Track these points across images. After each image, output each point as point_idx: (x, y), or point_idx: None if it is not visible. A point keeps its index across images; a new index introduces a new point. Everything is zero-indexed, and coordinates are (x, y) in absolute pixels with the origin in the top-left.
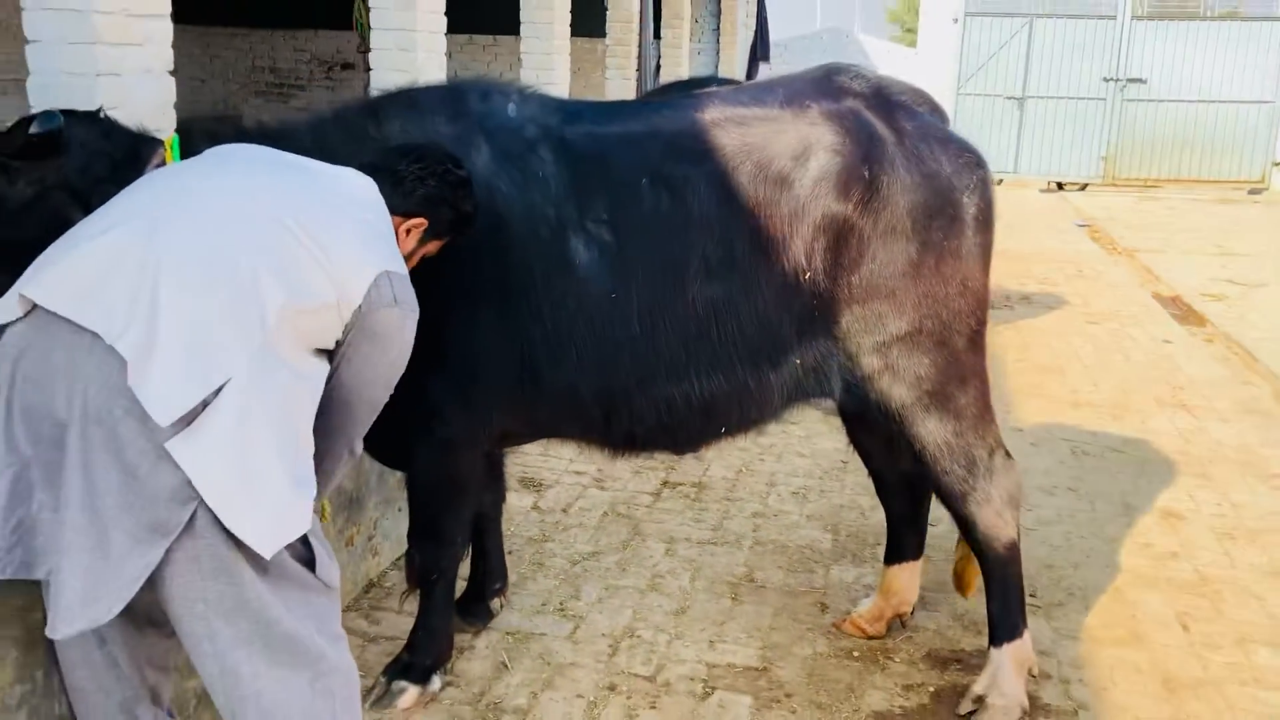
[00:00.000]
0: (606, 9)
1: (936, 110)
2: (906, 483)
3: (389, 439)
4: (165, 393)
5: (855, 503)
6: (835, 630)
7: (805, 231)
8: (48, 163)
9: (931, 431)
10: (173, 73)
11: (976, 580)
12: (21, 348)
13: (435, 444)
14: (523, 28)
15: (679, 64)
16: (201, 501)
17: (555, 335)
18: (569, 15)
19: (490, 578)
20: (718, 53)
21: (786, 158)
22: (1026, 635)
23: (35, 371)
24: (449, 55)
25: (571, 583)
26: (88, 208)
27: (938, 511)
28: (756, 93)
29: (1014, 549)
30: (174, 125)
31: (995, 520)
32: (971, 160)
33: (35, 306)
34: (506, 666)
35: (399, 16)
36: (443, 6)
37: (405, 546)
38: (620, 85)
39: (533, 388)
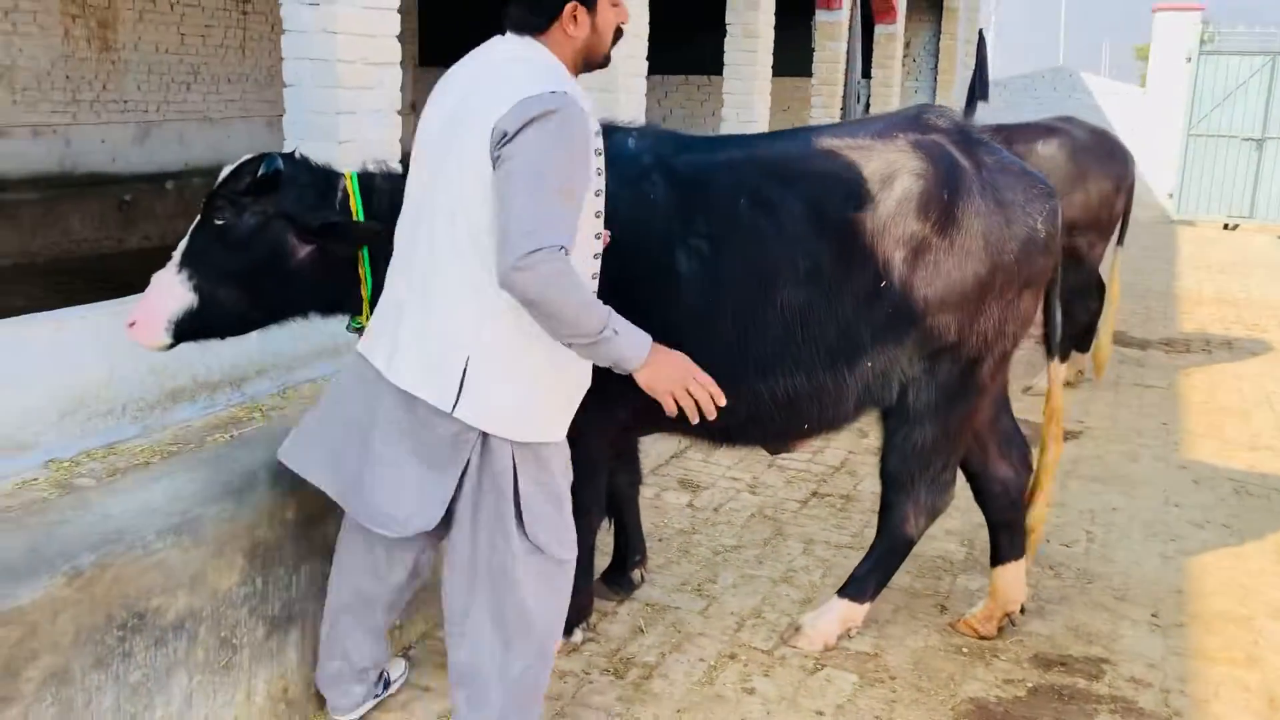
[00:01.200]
0: (815, 50)
1: (1118, 150)
2: (1003, 486)
3: None
4: (438, 393)
5: None
6: (950, 629)
7: (886, 246)
8: (268, 197)
9: (917, 432)
10: (401, 112)
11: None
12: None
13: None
14: (725, 69)
15: (889, 103)
16: (482, 438)
17: (660, 336)
18: (770, 57)
19: (630, 551)
20: (934, 91)
21: (874, 180)
22: (866, 607)
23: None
24: (666, 95)
25: (711, 569)
26: (299, 230)
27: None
28: (851, 127)
29: (907, 545)
30: (399, 158)
31: (909, 517)
32: (1044, 191)
33: None
34: (642, 631)
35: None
36: (643, 52)
37: None
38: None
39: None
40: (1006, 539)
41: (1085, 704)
